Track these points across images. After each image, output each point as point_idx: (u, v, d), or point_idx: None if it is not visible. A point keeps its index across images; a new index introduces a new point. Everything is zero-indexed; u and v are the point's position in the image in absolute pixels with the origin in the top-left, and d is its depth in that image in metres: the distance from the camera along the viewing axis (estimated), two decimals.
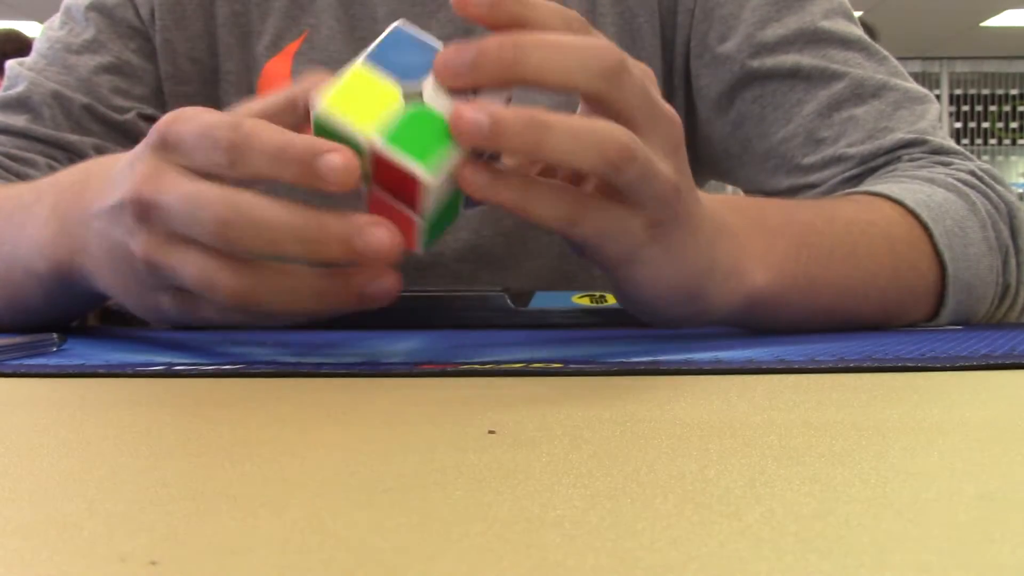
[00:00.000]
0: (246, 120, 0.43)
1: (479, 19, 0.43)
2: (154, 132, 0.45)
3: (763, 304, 0.56)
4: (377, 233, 0.42)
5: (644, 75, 0.46)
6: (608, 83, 0.43)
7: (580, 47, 0.43)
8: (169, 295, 0.47)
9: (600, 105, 0.44)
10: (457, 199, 0.46)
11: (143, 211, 0.45)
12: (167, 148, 0.45)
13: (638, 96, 0.44)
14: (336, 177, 0.41)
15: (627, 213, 0.46)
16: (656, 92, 0.46)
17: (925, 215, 0.65)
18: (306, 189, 0.42)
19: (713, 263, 0.52)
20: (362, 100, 0.42)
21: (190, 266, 0.44)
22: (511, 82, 0.43)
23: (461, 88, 0.43)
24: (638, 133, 0.44)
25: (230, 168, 0.43)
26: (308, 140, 0.42)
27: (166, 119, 0.45)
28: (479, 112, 0.41)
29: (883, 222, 0.64)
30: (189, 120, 0.45)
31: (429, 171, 0.41)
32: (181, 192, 0.44)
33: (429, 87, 0.43)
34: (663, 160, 0.45)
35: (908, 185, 0.68)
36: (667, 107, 0.46)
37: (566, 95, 0.45)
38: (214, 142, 0.43)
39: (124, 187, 0.46)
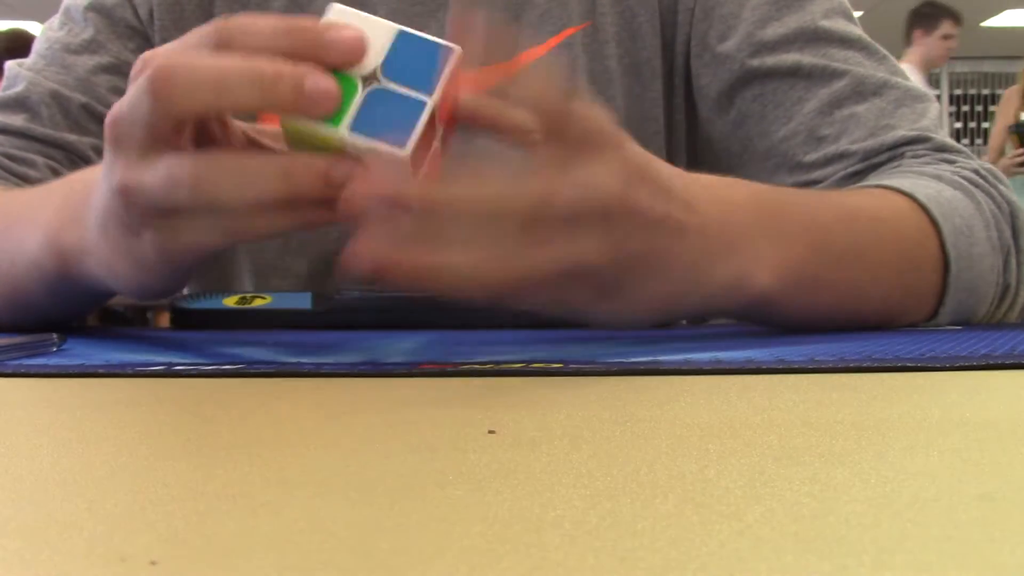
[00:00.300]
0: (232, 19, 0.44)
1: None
2: (139, 60, 0.46)
3: (763, 306, 0.56)
4: (324, 78, 0.42)
5: (567, 188, 0.44)
6: (527, 235, 0.43)
7: (498, 201, 0.43)
8: (148, 229, 0.46)
9: None
10: None
11: (114, 132, 0.45)
12: (146, 65, 0.45)
13: (563, 219, 0.44)
14: (345, 46, 0.42)
15: (569, 284, 0.45)
16: (580, 178, 0.45)
17: (936, 211, 0.64)
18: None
19: (700, 283, 0.51)
20: None
21: (157, 172, 0.44)
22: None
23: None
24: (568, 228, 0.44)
25: (218, 43, 0.43)
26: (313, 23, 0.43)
27: (147, 53, 0.46)
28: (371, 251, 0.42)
29: (896, 221, 0.64)
30: (173, 44, 0.45)
31: (404, 148, 0.42)
32: (134, 87, 0.44)
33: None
34: (597, 244, 0.45)
35: (918, 180, 0.68)
36: (599, 191, 0.45)
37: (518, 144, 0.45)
38: (201, 34, 0.44)
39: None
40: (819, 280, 0.58)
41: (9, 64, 0.84)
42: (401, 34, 0.45)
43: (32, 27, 5.49)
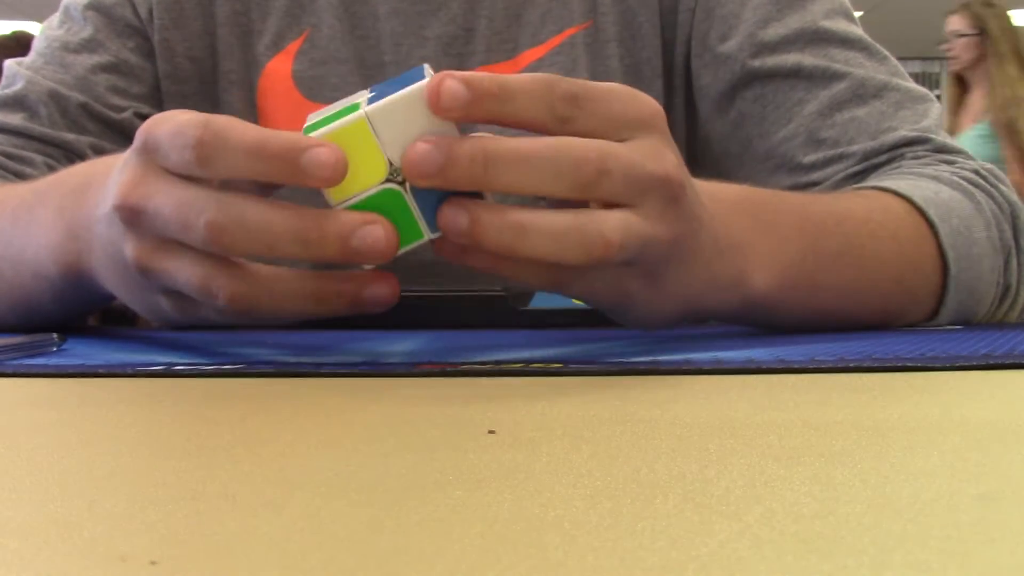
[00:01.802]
0: (218, 117, 0.42)
1: (457, 119, 0.42)
2: (138, 135, 0.45)
3: (760, 308, 0.56)
4: (373, 231, 0.41)
5: (632, 151, 0.44)
6: (586, 191, 0.43)
7: (552, 160, 0.42)
8: (166, 297, 0.47)
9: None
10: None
11: (131, 217, 0.45)
12: (148, 151, 0.44)
13: (620, 187, 0.43)
14: (323, 172, 0.41)
15: (619, 272, 0.46)
16: (650, 149, 0.45)
17: (933, 213, 0.64)
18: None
19: (711, 281, 0.51)
20: (348, 153, 0.41)
21: (185, 271, 0.44)
22: (478, 190, 0.43)
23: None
24: (627, 208, 0.44)
25: (200, 165, 0.42)
26: (290, 135, 0.42)
27: (148, 121, 0.45)
28: (459, 216, 0.41)
29: (892, 223, 0.64)
30: (165, 120, 0.44)
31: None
32: (170, 197, 0.43)
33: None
34: (656, 222, 0.45)
35: (915, 182, 0.68)
36: (658, 169, 0.45)
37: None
38: (184, 141, 0.42)
39: (113, 192, 0.46)
40: (815, 281, 0.58)
41: (8, 63, 0.83)
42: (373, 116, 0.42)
43: (32, 27, 5.50)
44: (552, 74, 0.44)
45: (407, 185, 0.42)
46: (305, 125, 0.43)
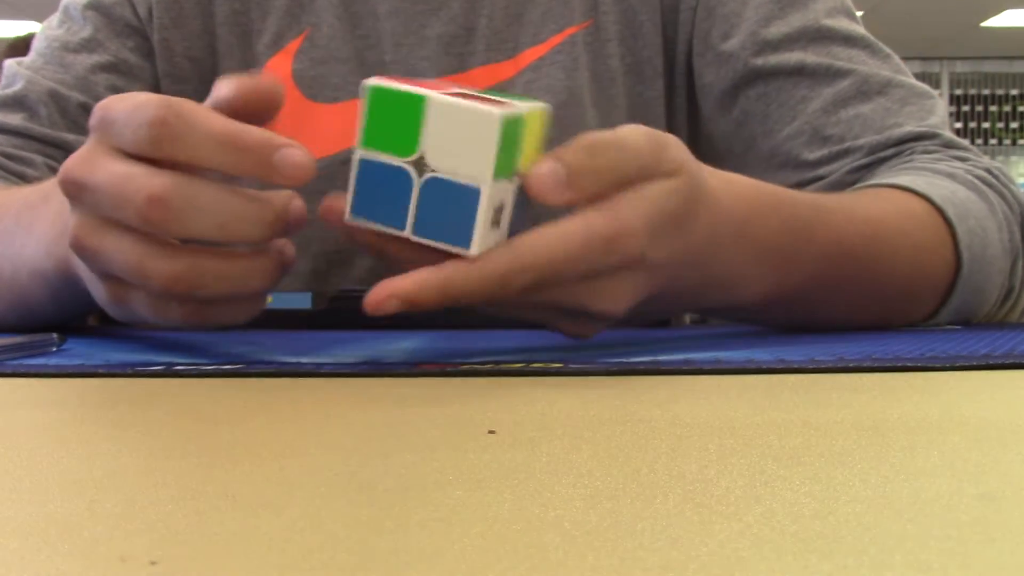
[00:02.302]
0: (185, 101, 0.42)
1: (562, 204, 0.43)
2: (94, 112, 0.44)
3: (751, 312, 0.56)
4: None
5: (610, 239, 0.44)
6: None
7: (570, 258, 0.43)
8: (104, 283, 0.46)
9: None
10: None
11: (73, 191, 0.44)
12: (101, 128, 0.44)
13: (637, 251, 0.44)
14: (295, 173, 0.40)
15: (570, 320, 0.47)
16: (659, 207, 0.45)
17: (951, 213, 0.64)
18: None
19: (699, 289, 0.52)
20: (392, 116, 0.42)
21: (120, 252, 0.43)
22: None
23: None
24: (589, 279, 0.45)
25: (154, 144, 0.41)
26: (263, 131, 0.41)
27: (106, 99, 0.44)
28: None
29: (908, 224, 0.63)
30: (124, 99, 0.43)
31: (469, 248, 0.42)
32: (109, 174, 0.42)
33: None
34: (615, 296, 0.46)
35: (931, 179, 0.67)
36: (600, 308, 0.46)
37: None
38: (140, 118, 0.42)
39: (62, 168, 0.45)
40: (811, 293, 0.58)
41: (8, 63, 0.83)
42: (433, 105, 0.42)
43: (33, 27, 5.49)
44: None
45: (422, 180, 0.42)
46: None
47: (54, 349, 0.52)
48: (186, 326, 0.46)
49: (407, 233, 0.42)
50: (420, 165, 0.42)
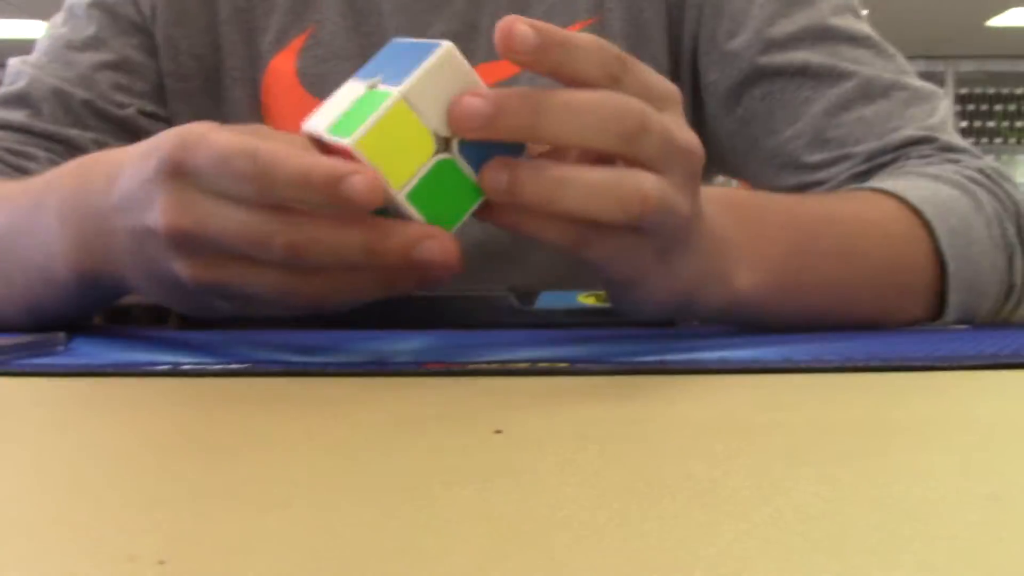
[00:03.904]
0: (262, 147, 0.43)
1: (524, 65, 0.42)
2: (165, 159, 0.45)
3: (746, 307, 0.56)
4: (430, 247, 0.42)
5: (664, 118, 0.45)
6: (627, 144, 0.43)
7: (599, 110, 0.43)
8: (225, 300, 0.47)
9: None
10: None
11: (185, 241, 0.45)
12: (185, 175, 0.44)
13: (655, 148, 0.44)
14: (361, 198, 0.41)
15: (638, 241, 0.46)
16: (677, 122, 0.46)
17: (929, 212, 0.64)
18: None
19: (705, 272, 0.52)
20: (394, 140, 0.41)
21: (256, 281, 0.44)
22: (527, 140, 0.43)
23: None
24: (657, 174, 0.44)
25: (257, 197, 0.43)
26: (329, 164, 0.42)
27: (173, 142, 0.45)
28: (500, 173, 0.42)
29: (884, 221, 0.64)
30: (198, 145, 0.44)
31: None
32: (232, 221, 0.43)
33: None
34: (679, 193, 0.45)
35: (914, 182, 0.68)
36: (687, 140, 0.46)
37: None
38: (234, 173, 0.43)
39: (151, 216, 0.45)
40: (802, 280, 0.58)
41: (12, 61, 0.84)
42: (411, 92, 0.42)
43: (36, 26, 5.50)
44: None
45: (455, 150, 0.42)
46: (310, 124, 0.43)
47: (60, 348, 0.52)
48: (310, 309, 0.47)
49: (397, 193, 0.42)
50: (442, 144, 0.42)
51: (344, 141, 0.41)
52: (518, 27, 0.41)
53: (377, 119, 0.41)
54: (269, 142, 0.43)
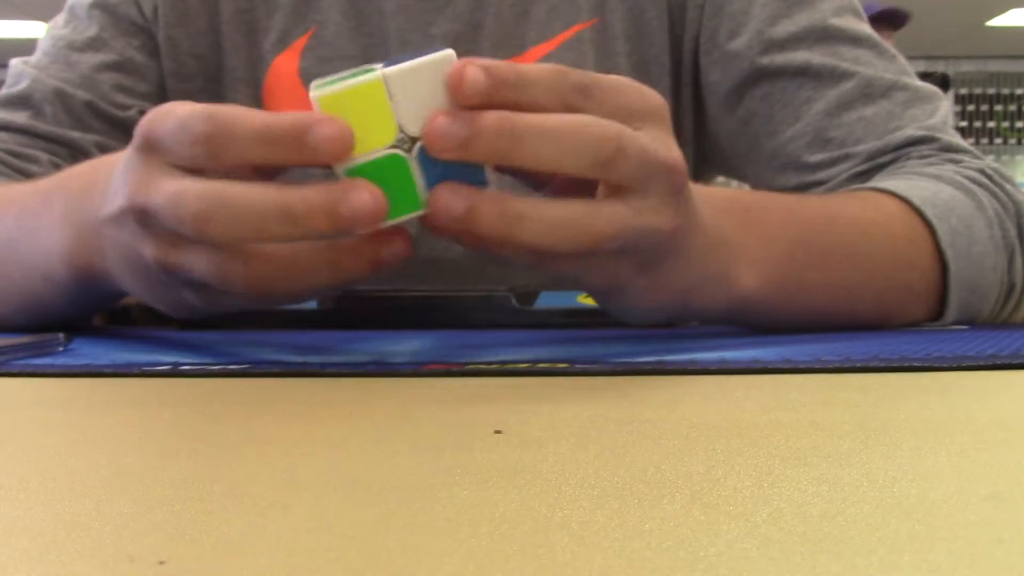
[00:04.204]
0: (221, 108, 0.42)
1: (476, 106, 0.41)
2: (137, 134, 0.45)
3: (750, 307, 0.56)
4: (360, 196, 0.40)
5: (644, 138, 0.44)
6: (602, 170, 0.43)
7: (574, 136, 0.42)
8: (191, 291, 0.47)
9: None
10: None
11: (141, 216, 0.45)
12: (150, 149, 0.44)
13: (633, 170, 0.43)
14: (330, 147, 0.40)
15: (613, 258, 0.46)
16: (660, 138, 0.45)
17: (930, 212, 0.64)
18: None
19: (702, 276, 0.52)
20: (358, 114, 0.41)
21: (202, 263, 0.44)
22: (502, 162, 0.42)
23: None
24: (633, 194, 0.44)
25: (211, 159, 0.42)
26: (294, 115, 0.41)
27: (145, 119, 0.45)
28: (456, 197, 0.41)
29: (885, 221, 0.64)
30: (165, 116, 0.44)
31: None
32: (164, 193, 0.43)
33: (422, 145, 0.42)
34: (658, 212, 0.45)
35: (915, 182, 0.68)
36: (668, 157, 0.45)
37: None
38: (191, 137, 0.42)
39: (120, 194, 0.46)
40: (804, 280, 0.58)
41: (13, 62, 0.84)
42: (391, 78, 0.42)
43: (37, 27, 5.50)
44: (563, 66, 0.44)
45: (414, 153, 0.42)
46: (312, 85, 0.43)
47: (60, 349, 0.52)
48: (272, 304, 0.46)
49: (426, 210, 0.42)
50: (404, 141, 0.42)
51: (312, 93, 0.41)
52: (468, 71, 0.41)
53: (349, 85, 0.41)
54: (232, 106, 0.43)
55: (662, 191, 0.45)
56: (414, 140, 0.42)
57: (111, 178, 0.49)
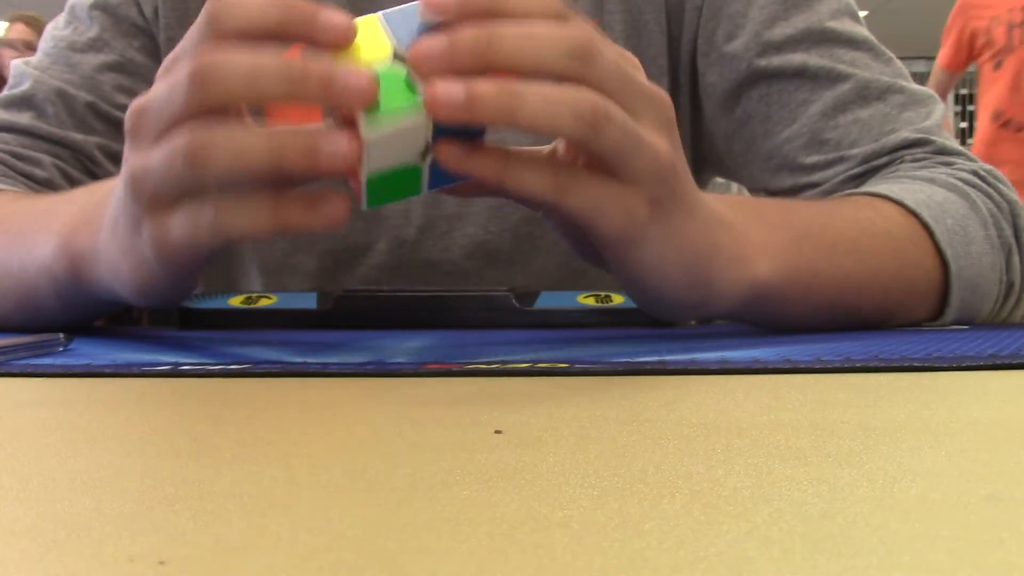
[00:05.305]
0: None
1: (453, 18, 0.43)
2: (167, 59, 0.46)
3: (767, 295, 0.56)
4: (357, 70, 0.42)
5: (620, 58, 0.46)
6: (579, 61, 0.44)
7: (550, 33, 0.44)
8: (145, 220, 0.47)
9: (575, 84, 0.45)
10: (416, 171, 0.46)
11: (135, 119, 0.46)
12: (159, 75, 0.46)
13: (612, 74, 0.45)
14: (334, 30, 0.42)
15: (621, 187, 0.46)
16: (638, 75, 0.47)
17: (926, 214, 0.65)
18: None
19: (715, 248, 0.52)
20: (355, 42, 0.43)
21: (159, 150, 0.44)
22: (485, 70, 0.43)
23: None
24: (627, 111, 0.45)
25: (211, 25, 0.44)
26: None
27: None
28: (453, 85, 0.42)
29: (884, 221, 0.64)
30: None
31: (369, 126, 0.42)
32: (161, 85, 0.45)
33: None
34: (652, 132, 0.46)
35: (908, 185, 0.68)
36: (652, 87, 0.47)
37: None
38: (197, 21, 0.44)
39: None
40: (815, 269, 0.58)
41: (15, 62, 0.84)
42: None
43: None
44: None
45: (427, 162, 0.45)
46: None
47: (60, 349, 0.52)
48: (217, 235, 0.46)
49: (427, 120, 0.43)
50: (398, 58, 0.44)
51: None
52: None
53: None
54: None
55: (651, 113, 0.46)
56: (428, 148, 0.44)
57: None
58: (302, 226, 0.45)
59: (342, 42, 0.42)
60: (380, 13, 0.44)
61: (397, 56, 0.43)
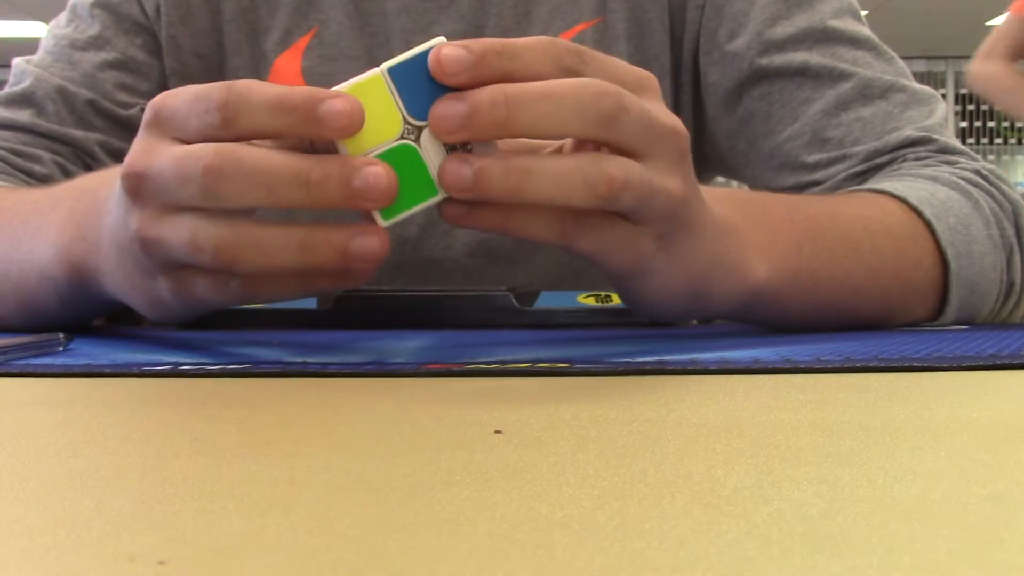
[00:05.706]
0: (238, 81, 0.43)
1: (463, 85, 0.42)
2: (149, 109, 0.45)
3: (765, 298, 0.56)
4: (375, 171, 0.41)
5: (643, 101, 0.44)
6: (605, 128, 0.43)
7: (573, 96, 0.42)
8: (164, 277, 0.47)
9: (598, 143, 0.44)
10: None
11: (135, 184, 0.45)
12: (160, 123, 0.45)
13: (637, 129, 0.44)
14: (340, 122, 0.41)
15: (629, 228, 0.46)
16: (656, 106, 0.46)
17: (928, 212, 0.65)
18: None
19: (717, 260, 0.52)
20: (364, 110, 0.42)
21: (178, 231, 0.44)
22: (505, 136, 0.43)
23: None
24: (639, 158, 0.44)
25: (226, 127, 0.42)
26: (307, 88, 0.42)
27: (159, 96, 0.45)
28: (462, 167, 0.41)
29: (886, 219, 0.64)
30: (179, 92, 0.45)
31: (387, 219, 0.43)
32: (170, 156, 0.43)
33: (428, 133, 0.43)
34: (667, 175, 0.45)
35: (911, 183, 0.68)
36: (669, 121, 0.46)
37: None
38: (207, 103, 0.43)
39: (123, 166, 0.46)
40: (815, 271, 0.58)
41: (16, 60, 0.84)
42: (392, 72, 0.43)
43: (38, 27, 5.49)
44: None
45: (422, 142, 0.43)
46: None
47: (60, 349, 0.52)
48: (244, 301, 0.47)
49: (444, 195, 0.43)
50: (411, 130, 0.43)
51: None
52: (444, 49, 0.42)
53: (351, 84, 0.43)
54: (247, 80, 0.44)
55: (667, 153, 0.45)
56: (420, 129, 0.43)
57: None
58: (329, 290, 0.46)
59: (349, 132, 0.42)
60: (385, 68, 0.43)
61: (407, 123, 0.43)
